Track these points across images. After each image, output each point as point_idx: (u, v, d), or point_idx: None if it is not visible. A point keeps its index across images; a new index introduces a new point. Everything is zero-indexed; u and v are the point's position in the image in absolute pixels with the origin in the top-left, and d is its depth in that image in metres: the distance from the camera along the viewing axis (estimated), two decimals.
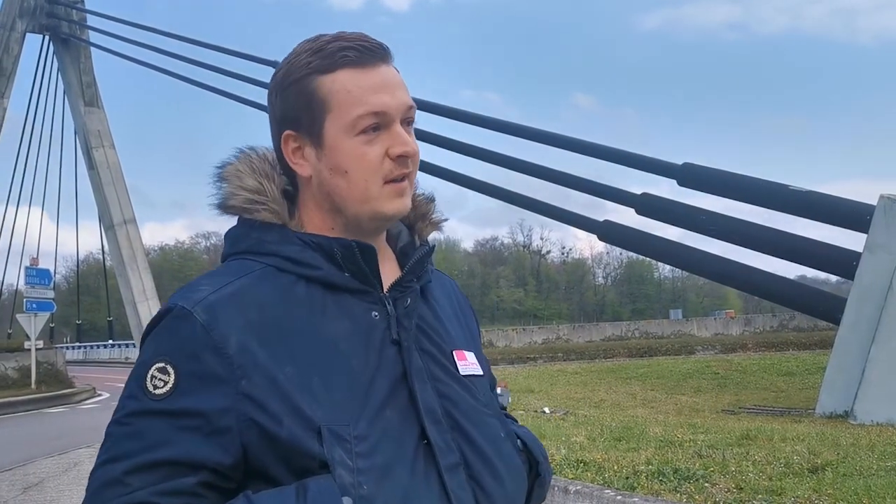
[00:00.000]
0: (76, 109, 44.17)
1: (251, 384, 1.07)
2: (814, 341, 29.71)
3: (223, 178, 1.24)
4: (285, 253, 1.17)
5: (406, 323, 1.19)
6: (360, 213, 1.18)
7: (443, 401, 1.16)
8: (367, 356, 1.14)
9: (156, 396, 1.08)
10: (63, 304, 59.33)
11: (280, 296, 1.14)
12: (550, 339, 38.98)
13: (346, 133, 1.15)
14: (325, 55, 1.17)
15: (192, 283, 1.19)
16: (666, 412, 14.07)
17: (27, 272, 26.05)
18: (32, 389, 23.31)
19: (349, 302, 1.17)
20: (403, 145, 1.16)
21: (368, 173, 1.16)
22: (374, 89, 1.15)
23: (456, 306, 1.36)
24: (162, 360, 1.09)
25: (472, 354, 1.28)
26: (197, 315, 1.10)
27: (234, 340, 1.09)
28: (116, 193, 44.03)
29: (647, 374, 22.86)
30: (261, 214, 1.20)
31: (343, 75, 1.16)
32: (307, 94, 1.17)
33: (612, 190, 17.95)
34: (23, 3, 42.96)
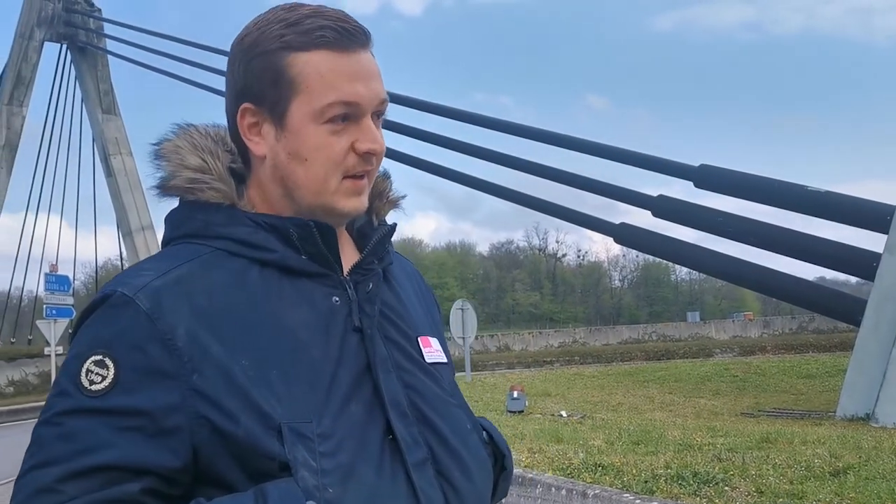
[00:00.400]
0: (94, 117, 44.58)
1: (203, 379, 0.97)
2: (834, 343, 29.48)
3: (161, 157, 1.13)
4: (236, 235, 1.07)
5: (368, 309, 1.10)
6: (313, 206, 1.09)
7: (408, 391, 1.09)
8: (329, 345, 1.05)
9: (92, 393, 0.96)
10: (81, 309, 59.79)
11: (232, 281, 1.04)
12: (567, 343, 38.88)
13: (312, 119, 1.06)
14: (301, 31, 1.06)
15: (131, 267, 1.09)
16: (684, 415, 13.98)
17: (47, 279, 26.26)
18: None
19: (307, 287, 1.08)
20: (372, 142, 1.08)
21: (329, 165, 1.07)
22: (349, 77, 1.06)
23: (418, 290, 1.28)
24: (99, 353, 0.98)
25: (436, 341, 1.20)
26: (139, 302, 0.99)
27: (182, 330, 0.98)
28: (134, 200, 44.37)
29: (665, 378, 22.74)
30: (205, 194, 1.10)
31: (318, 56, 1.06)
32: (276, 69, 1.06)
33: (628, 192, 17.89)
34: (41, 12, 43.44)
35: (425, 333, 1.19)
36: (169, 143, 1.14)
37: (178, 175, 1.11)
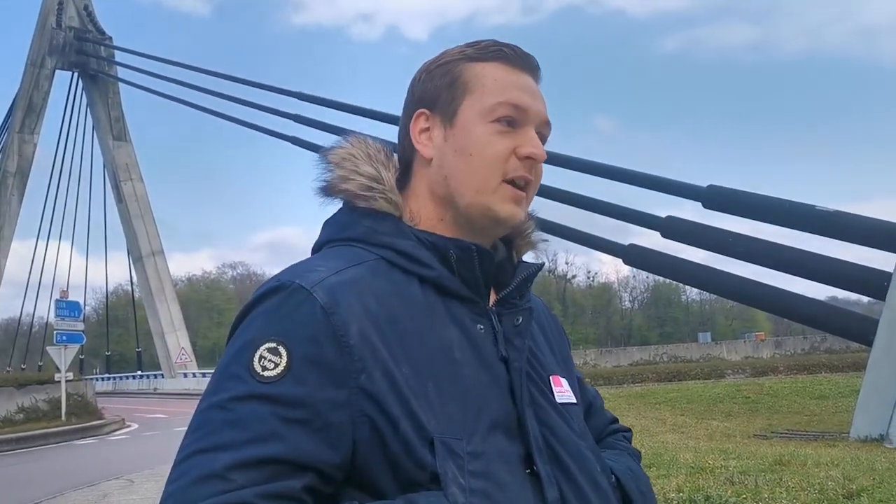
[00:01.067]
0: (105, 144, 45.00)
1: (370, 379, 0.98)
2: (846, 363, 29.23)
3: (332, 161, 1.17)
4: (399, 246, 1.09)
5: (518, 342, 1.11)
6: (472, 206, 1.11)
7: (542, 428, 1.08)
8: (480, 369, 1.06)
9: (265, 379, 0.96)
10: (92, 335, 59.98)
11: (395, 290, 1.06)
12: (578, 365, 37.94)
13: (480, 117, 1.11)
14: (479, 48, 1.15)
15: (300, 263, 1.09)
16: (697, 437, 13.86)
17: (57, 305, 26.36)
18: (63, 421, 23.48)
19: (458, 309, 1.09)
20: (533, 146, 1.11)
21: (492, 163, 1.10)
22: (520, 87, 1.13)
23: (547, 328, 1.29)
24: (273, 340, 0.99)
25: (567, 382, 1.21)
26: (317, 295, 1.00)
27: (355, 329, 1.00)
28: (144, 225, 44.67)
29: (677, 399, 22.58)
30: (377, 203, 1.12)
31: (493, 66, 1.14)
32: (453, 74, 1.14)
33: (637, 213, 17.88)
34: (52, 41, 44.00)
35: (556, 372, 1.20)
36: (342, 149, 1.17)
37: (351, 180, 1.14)
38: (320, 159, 1.17)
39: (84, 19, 45.34)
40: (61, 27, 44.54)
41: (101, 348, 67.75)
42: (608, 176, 18.33)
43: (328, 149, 1.18)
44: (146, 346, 56.55)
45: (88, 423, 23.98)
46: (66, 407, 24.14)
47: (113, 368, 70.59)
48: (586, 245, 19.80)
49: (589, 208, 18.85)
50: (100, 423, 24.78)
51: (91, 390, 27.78)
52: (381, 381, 0.98)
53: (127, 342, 73.28)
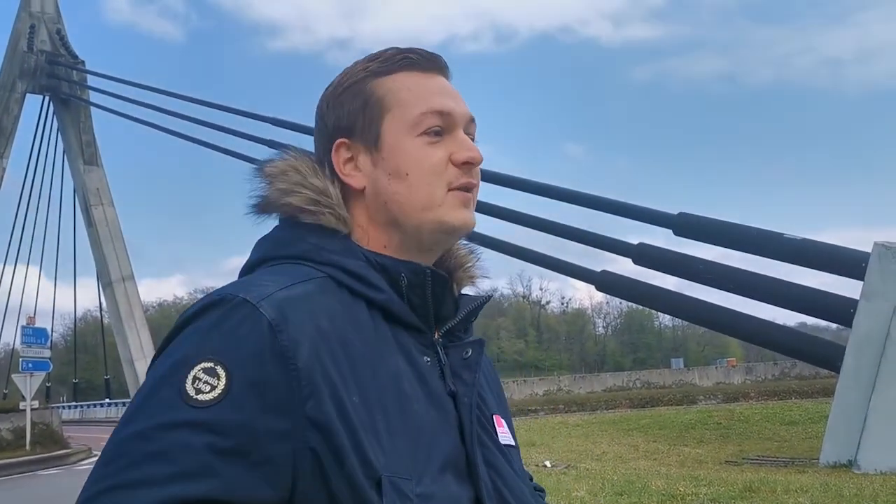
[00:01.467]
0: (75, 168, 44.58)
1: (318, 407, 0.88)
2: (816, 389, 29.46)
3: (270, 175, 1.06)
4: (348, 266, 1.00)
5: (467, 377, 1.03)
6: (421, 224, 1.03)
7: (489, 470, 1.01)
8: (429, 404, 0.97)
9: (199, 403, 0.85)
10: (60, 362, 58.99)
11: (344, 312, 0.96)
12: (552, 391, 38.67)
13: (407, 132, 1.03)
14: (382, 60, 1.08)
15: (244, 279, 1.00)
16: (669, 464, 13.88)
17: (24, 331, 25.92)
18: (27, 451, 23.00)
19: (405, 338, 1.00)
20: (468, 150, 1.04)
21: (431, 176, 1.03)
22: (437, 91, 1.06)
23: (486, 366, 1.18)
24: (210, 359, 0.87)
25: (506, 423, 1.13)
26: (264, 311, 0.89)
27: (304, 349, 0.89)
28: (115, 250, 44.18)
29: (650, 426, 22.62)
30: (325, 218, 1.03)
31: (403, 76, 1.06)
32: (363, 95, 1.06)
33: (609, 240, 18.01)
34: (23, 64, 43.67)
35: (497, 413, 1.12)
36: (283, 161, 1.07)
37: (296, 193, 1.04)
38: (255, 172, 1.08)
39: (56, 43, 45.06)
40: (33, 51, 44.22)
41: (69, 376, 66.58)
42: (581, 203, 18.46)
43: (264, 161, 1.08)
44: (115, 373, 55.66)
45: (54, 453, 23.51)
46: (30, 436, 23.67)
47: (80, 396, 69.39)
48: (560, 272, 19.90)
49: (563, 235, 18.96)
50: (66, 452, 24.31)
51: (57, 419, 27.28)
52: (330, 410, 0.88)
53: (95, 369, 72.08)
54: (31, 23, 44.61)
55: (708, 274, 15.43)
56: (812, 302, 14.08)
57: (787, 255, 14.31)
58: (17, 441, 23.77)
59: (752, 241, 14.93)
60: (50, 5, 45.80)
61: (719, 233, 15.55)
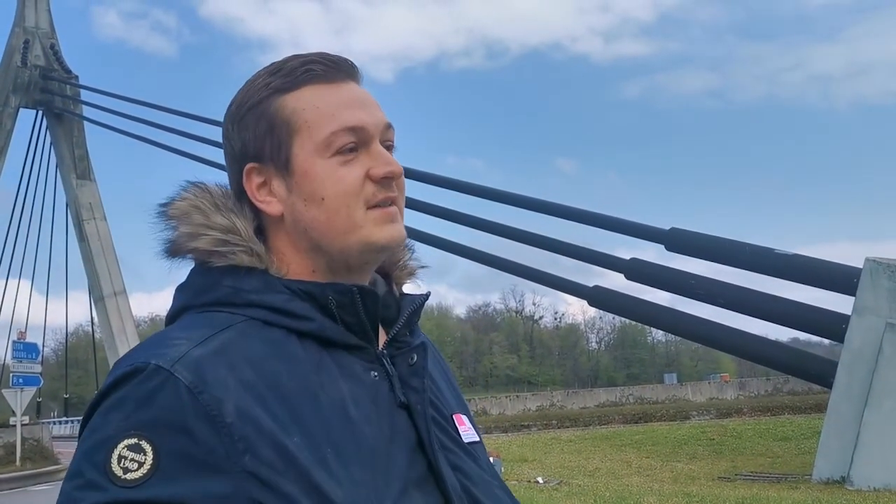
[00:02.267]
0: (68, 182, 44.47)
1: (257, 460, 0.84)
2: (809, 405, 29.52)
3: (174, 216, 1.01)
4: (270, 302, 0.96)
5: (416, 383, 1.00)
6: (346, 248, 0.98)
7: (456, 474, 0.98)
8: (380, 423, 0.94)
9: (127, 483, 0.81)
10: (51, 377, 58.63)
11: (272, 352, 0.92)
12: (545, 406, 38.59)
13: (318, 154, 0.98)
14: (285, 73, 1.00)
15: (155, 337, 0.94)
16: (661, 480, 13.85)
17: (14, 346, 25.76)
18: (17, 466, 22.82)
19: (347, 360, 0.97)
20: (386, 164, 0.98)
21: (349, 198, 0.97)
22: (346, 104, 0.99)
23: (438, 364, 1.16)
24: (133, 435, 0.83)
25: (467, 419, 1.10)
26: (179, 375, 0.86)
27: (230, 405, 0.85)
28: (107, 265, 44.01)
29: (643, 441, 22.59)
30: (237, 257, 0.97)
31: (308, 92, 0.99)
32: (268, 116, 0.99)
33: (602, 256, 18.06)
34: (17, 78, 43.64)
35: (457, 411, 1.09)
36: (183, 201, 1.01)
37: (201, 236, 0.98)
38: (159, 216, 1.02)
39: (50, 58, 45.08)
40: (27, 65, 44.20)
41: (60, 391, 66.15)
42: (573, 218, 18.51)
43: (166, 202, 1.02)
44: None
45: (44, 469, 23.34)
46: (21, 451, 23.50)
47: (72, 412, 68.90)
48: (552, 287, 19.93)
49: (555, 250, 19.01)
50: (56, 468, 24.11)
51: (48, 434, 27.11)
52: (272, 458, 0.85)
53: (87, 384, 71.67)
54: (26, 38, 44.63)
55: (700, 289, 15.46)
56: (804, 317, 14.12)
57: (778, 270, 14.36)
58: (8, 457, 23.60)
59: (743, 257, 14.97)
60: (44, 20, 45.85)
61: (711, 248, 15.60)
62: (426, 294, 1.12)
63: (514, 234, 19.73)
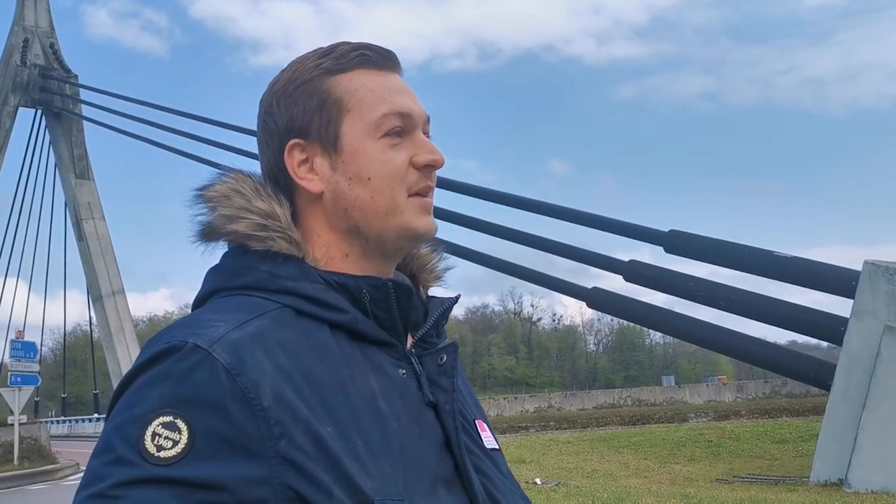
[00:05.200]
0: (67, 182, 44.48)
1: (292, 445, 0.84)
2: (807, 407, 29.54)
3: (214, 199, 1.00)
4: (305, 291, 0.95)
5: (445, 383, 1.00)
6: (385, 231, 0.99)
7: (481, 477, 0.98)
8: (409, 419, 0.94)
9: (162, 461, 0.80)
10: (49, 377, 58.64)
11: (305, 342, 0.92)
12: (542, 408, 38.58)
13: (368, 135, 0.99)
14: (336, 56, 1.02)
15: (191, 318, 0.93)
16: (659, 482, 13.86)
17: (12, 345, 25.78)
18: (15, 465, 22.80)
19: (376, 355, 0.97)
20: (431, 153, 1.01)
21: (394, 181, 0.98)
22: (396, 90, 1.01)
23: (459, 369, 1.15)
24: (169, 413, 0.82)
25: (487, 426, 1.10)
26: (217, 356, 0.85)
27: (267, 389, 0.85)
28: (105, 264, 44.01)
29: (640, 443, 22.60)
30: (276, 243, 0.97)
31: (361, 74, 1.01)
32: (320, 93, 1.00)
33: (600, 257, 18.07)
34: (16, 78, 43.64)
35: (478, 417, 1.09)
36: (223, 185, 1.01)
37: (241, 219, 0.98)
38: (195, 199, 1.01)
39: (49, 57, 45.07)
40: (26, 64, 44.21)
41: (58, 390, 66.15)
42: (571, 219, 18.52)
43: (205, 186, 1.02)
44: (104, 388, 55.28)
45: (42, 468, 23.32)
46: (18, 451, 23.48)
47: (69, 411, 68.89)
48: (550, 288, 19.92)
49: (554, 251, 19.02)
50: (53, 467, 24.11)
51: (45, 434, 27.08)
52: (306, 445, 0.85)
53: (84, 384, 71.65)
54: (25, 37, 44.65)
55: (699, 291, 15.47)
56: (802, 320, 14.13)
57: (777, 272, 14.38)
58: (5, 456, 23.57)
59: (742, 259, 14.99)
60: (44, 19, 45.87)
61: (710, 250, 15.61)
62: (456, 297, 1.11)
63: (513, 236, 19.74)
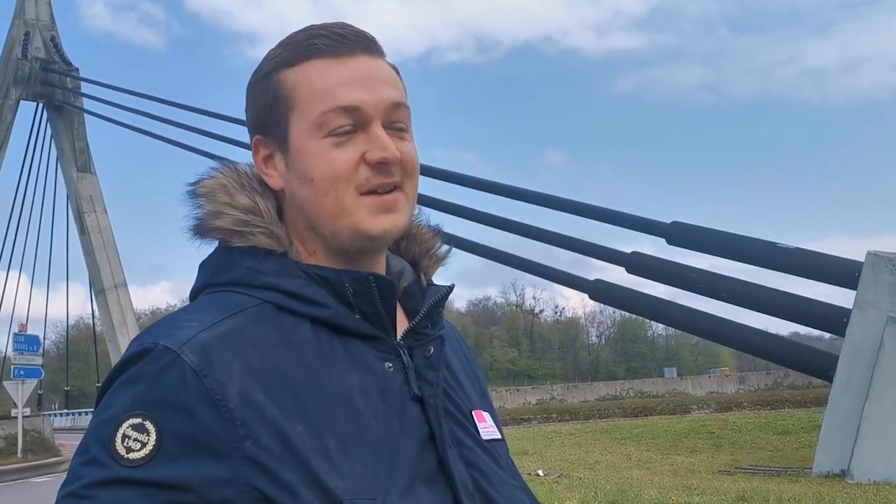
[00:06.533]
0: (68, 175, 44.45)
1: (257, 446, 0.84)
2: (809, 399, 29.54)
3: (201, 195, 1.01)
4: (286, 287, 0.95)
5: (431, 376, 0.98)
6: (336, 232, 0.97)
7: (471, 471, 0.96)
8: (388, 415, 0.93)
9: (129, 462, 0.82)
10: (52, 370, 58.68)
11: (282, 339, 0.92)
12: (545, 400, 38.63)
13: (311, 134, 0.96)
14: (291, 46, 0.99)
15: (169, 318, 0.95)
16: (661, 473, 13.88)
17: (15, 338, 25.82)
18: (18, 458, 22.89)
19: (360, 350, 0.95)
20: (381, 149, 0.95)
21: (338, 181, 0.95)
22: (344, 82, 0.96)
23: (462, 357, 1.13)
24: (138, 415, 0.84)
25: (489, 415, 1.07)
26: (185, 357, 0.86)
27: (234, 390, 0.86)
28: (108, 258, 44.02)
29: (643, 435, 22.62)
30: (256, 238, 0.97)
31: (308, 67, 0.97)
32: (272, 90, 0.99)
33: (603, 249, 18.05)
34: (17, 71, 43.57)
35: (478, 406, 1.06)
36: (211, 180, 1.01)
37: (223, 215, 0.98)
38: (188, 194, 1.02)
39: (50, 50, 44.99)
40: (27, 58, 44.13)
41: (61, 383, 66.24)
42: (573, 211, 18.48)
43: (196, 181, 1.03)
44: None
45: (45, 461, 23.40)
46: (22, 443, 23.56)
47: (72, 404, 69.04)
48: (552, 280, 19.93)
49: (556, 243, 18.99)
50: (57, 460, 24.18)
51: (49, 426, 27.18)
52: (273, 445, 0.85)
53: (87, 377, 71.72)
54: (26, 30, 44.56)
55: (701, 283, 15.46)
56: (805, 311, 14.12)
57: (780, 264, 14.36)
58: (9, 448, 23.66)
59: (745, 251, 14.97)
60: (44, 12, 45.76)
61: (712, 242, 15.59)
62: (450, 286, 1.10)
63: (514, 228, 19.72)
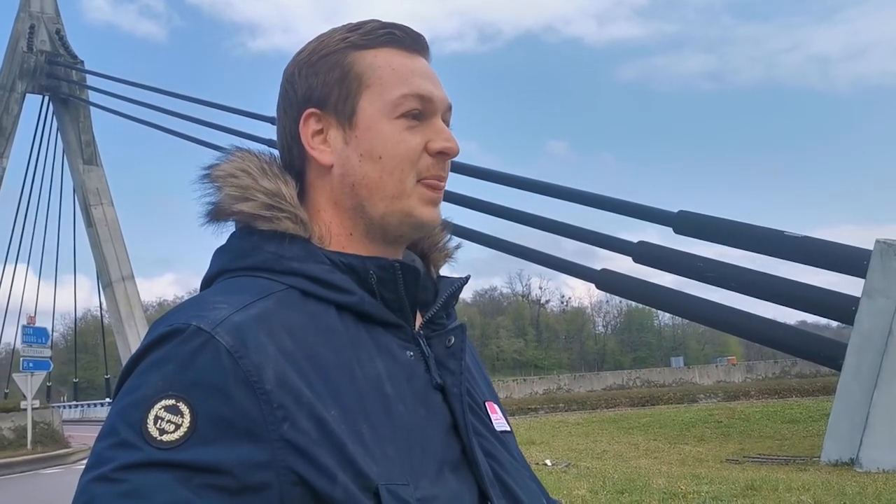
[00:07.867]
0: (75, 168, 44.57)
1: (295, 428, 0.83)
2: (817, 387, 29.49)
3: (219, 179, 0.99)
4: (312, 272, 0.94)
5: (453, 365, 0.99)
6: (388, 213, 0.98)
7: (489, 460, 0.97)
8: (415, 403, 0.93)
9: (164, 444, 0.79)
10: (60, 362, 59.04)
11: (310, 324, 0.91)
12: (551, 390, 38.67)
13: (385, 113, 0.98)
14: (364, 31, 1.01)
15: (195, 300, 0.93)
16: (669, 462, 13.87)
17: (24, 331, 25.92)
18: (28, 450, 23.00)
19: (384, 337, 0.96)
20: (447, 140, 1.00)
21: (405, 163, 0.97)
22: (419, 74, 1.01)
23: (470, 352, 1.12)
24: (171, 396, 0.81)
25: (498, 408, 1.09)
26: (220, 338, 0.84)
27: (270, 372, 0.84)
28: (115, 250, 44.18)
29: (650, 424, 22.61)
30: (282, 223, 0.96)
31: (386, 52, 1.01)
32: (342, 66, 1.00)
33: (609, 238, 18.01)
34: (23, 64, 43.67)
35: (489, 398, 1.08)
36: (230, 163, 1.00)
37: (247, 199, 0.97)
38: (203, 178, 1.00)
39: (56, 43, 45.04)
40: (32, 51, 44.22)
41: (69, 375, 66.67)
42: (580, 201, 18.44)
43: (211, 165, 1.01)
44: (115, 372, 55.66)
45: (55, 452, 23.51)
46: (31, 435, 23.67)
47: (81, 396, 69.45)
48: (560, 270, 19.89)
49: (563, 233, 18.95)
50: (66, 451, 24.31)
51: (58, 418, 27.29)
52: (310, 429, 0.83)
53: (95, 369, 72.18)
54: (31, 23, 44.63)
55: (708, 272, 15.42)
56: (813, 300, 14.06)
57: (787, 252, 14.30)
58: (19, 440, 23.78)
59: (752, 239, 14.91)
60: (49, 6, 45.82)
61: (720, 231, 15.54)
62: (465, 278, 1.11)
63: (521, 217, 19.69)
